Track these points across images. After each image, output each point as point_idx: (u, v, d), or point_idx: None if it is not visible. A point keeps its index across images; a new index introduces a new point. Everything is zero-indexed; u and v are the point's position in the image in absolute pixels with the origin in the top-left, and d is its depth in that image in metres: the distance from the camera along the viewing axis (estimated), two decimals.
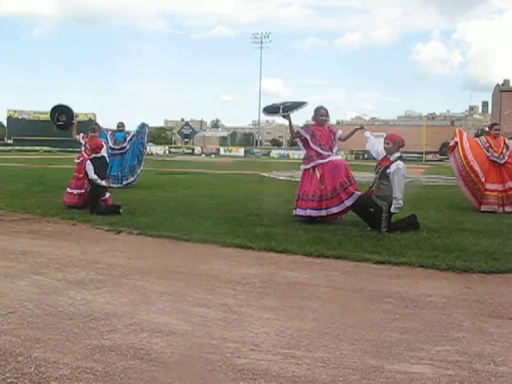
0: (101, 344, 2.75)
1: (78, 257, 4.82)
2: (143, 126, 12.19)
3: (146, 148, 12.07)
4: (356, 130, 7.12)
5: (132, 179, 11.55)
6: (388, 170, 6.19)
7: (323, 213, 6.67)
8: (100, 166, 7.87)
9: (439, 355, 2.70)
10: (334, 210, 6.69)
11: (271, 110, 7.24)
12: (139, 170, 11.76)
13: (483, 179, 8.35)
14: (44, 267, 4.40)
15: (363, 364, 2.58)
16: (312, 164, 6.85)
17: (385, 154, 6.45)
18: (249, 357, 2.65)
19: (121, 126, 12.14)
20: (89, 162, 7.78)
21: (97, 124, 9.82)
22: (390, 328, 3.11)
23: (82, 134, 9.25)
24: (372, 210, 6.31)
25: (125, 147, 11.56)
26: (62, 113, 9.45)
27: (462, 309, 3.51)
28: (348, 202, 6.61)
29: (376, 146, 6.72)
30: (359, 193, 6.64)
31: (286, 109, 6.92)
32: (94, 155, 7.95)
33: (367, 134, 7.00)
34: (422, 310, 3.48)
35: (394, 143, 6.36)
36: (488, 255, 4.91)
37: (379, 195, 6.23)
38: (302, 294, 3.78)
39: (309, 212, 6.69)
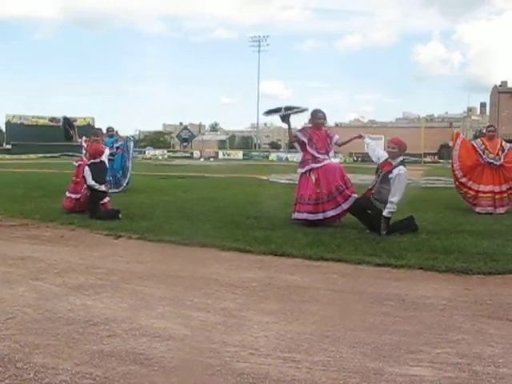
0: (100, 349, 2.75)
1: (77, 262, 4.82)
2: (128, 140, 12.41)
3: (131, 162, 12.11)
4: (354, 138, 7.18)
5: (117, 190, 11.37)
6: (390, 176, 6.18)
7: (320, 216, 6.67)
8: (99, 171, 7.86)
9: (439, 357, 2.70)
10: (331, 213, 6.69)
11: (272, 110, 7.27)
12: (124, 183, 11.73)
13: (469, 183, 8.52)
14: (43, 272, 4.40)
15: (363, 367, 2.57)
16: (307, 168, 6.87)
17: (384, 157, 6.45)
18: (248, 361, 2.64)
19: (111, 130, 12.12)
20: (87, 167, 7.76)
21: (99, 129, 9.81)
22: (390, 331, 3.10)
23: (84, 138, 9.24)
24: (370, 212, 6.31)
25: (113, 154, 11.51)
26: (67, 125, 9.49)
27: (461, 310, 3.51)
28: (345, 205, 6.62)
29: (376, 151, 6.72)
30: (356, 195, 6.65)
31: (287, 108, 6.95)
32: (92, 160, 7.94)
33: (367, 140, 7.02)
34: (421, 312, 3.48)
35: (400, 148, 6.35)
36: (487, 256, 4.91)
37: (379, 198, 6.23)
38: (302, 298, 3.78)
39: (305, 216, 6.71)
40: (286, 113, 6.91)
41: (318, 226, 6.57)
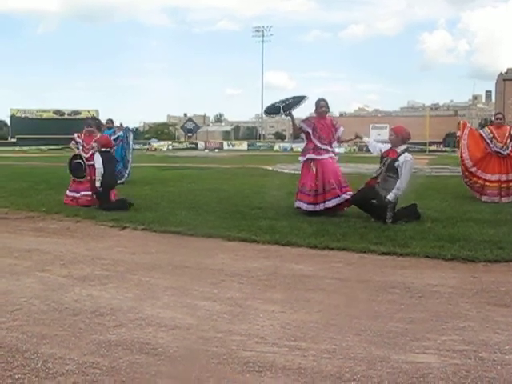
0: (107, 339, 2.76)
1: (82, 253, 4.84)
2: (126, 130, 12.23)
3: (131, 152, 11.98)
4: (353, 139, 7.47)
5: (119, 182, 11.31)
6: (396, 163, 6.16)
7: (320, 207, 6.68)
8: (108, 160, 7.74)
9: (445, 345, 2.70)
10: (332, 202, 6.67)
11: (272, 110, 7.24)
12: (126, 174, 11.68)
13: (478, 173, 8.47)
14: (49, 264, 4.42)
15: (369, 355, 2.58)
16: (308, 156, 6.87)
17: (386, 148, 6.46)
18: (255, 349, 2.65)
19: (109, 122, 12.04)
20: (97, 153, 7.65)
21: (95, 119, 9.61)
22: (396, 318, 3.10)
23: (76, 134, 8.84)
24: (375, 201, 6.28)
25: (113, 145, 11.44)
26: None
27: (467, 298, 3.51)
28: (346, 196, 6.63)
29: (377, 146, 6.76)
30: (351, 193, 6.67)
31: (286, 107, 6.94)
32: (103, 149, 7.79)
33: (366, 139, 7.16)
34: (427, 299, 3.47)
35: (397, 135, 6.35)
36: (493, 244, 4.89)
37: (385, 187, 6.20)
38: (308, 286, 3.78)
39: (305, 206, 6.73)
40: (286, 112, 6.93)
41: (323, 216, 6.56)
